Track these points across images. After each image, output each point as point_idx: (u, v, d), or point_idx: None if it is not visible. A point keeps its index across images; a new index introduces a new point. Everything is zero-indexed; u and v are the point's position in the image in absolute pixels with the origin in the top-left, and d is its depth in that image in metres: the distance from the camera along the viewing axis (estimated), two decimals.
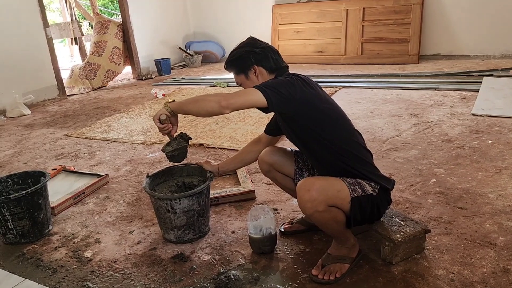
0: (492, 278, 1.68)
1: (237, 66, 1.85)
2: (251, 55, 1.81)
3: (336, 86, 5.07)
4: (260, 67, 1.82)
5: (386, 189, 1.78)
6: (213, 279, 1.80)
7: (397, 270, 1.77)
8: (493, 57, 5.93)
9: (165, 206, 2.01)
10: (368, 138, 3.31)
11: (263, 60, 1.82)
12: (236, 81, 1.91)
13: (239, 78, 1.87)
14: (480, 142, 3.06)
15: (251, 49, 1.82)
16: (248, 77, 1.83)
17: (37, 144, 3.97)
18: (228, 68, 1.90)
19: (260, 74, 1.82)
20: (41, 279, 1.93)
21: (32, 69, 5.57)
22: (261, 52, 1.82)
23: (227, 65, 1.90)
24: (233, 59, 1.86)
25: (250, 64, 1.81)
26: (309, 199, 1.61)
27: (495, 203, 2.22)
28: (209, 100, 1.64)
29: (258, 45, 1.85)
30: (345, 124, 1.81)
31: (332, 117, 1.77)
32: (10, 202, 2.13)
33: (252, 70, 1.82)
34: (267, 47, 1.86)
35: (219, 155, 3.24)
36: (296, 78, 1.73)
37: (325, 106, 1.75)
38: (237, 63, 1.84)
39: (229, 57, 1.88)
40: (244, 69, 1.83)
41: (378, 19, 6.31)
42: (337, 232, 1.75)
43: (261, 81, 1.77)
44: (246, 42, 1.88)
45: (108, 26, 6.72)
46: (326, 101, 1.79)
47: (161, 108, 1.81)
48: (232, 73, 1.90)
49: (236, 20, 7.74)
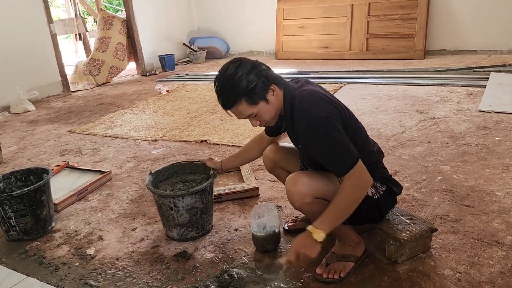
0: (500, 278, 1.65)
1: (254, 95, 1.57)
2: (265, 76, 1.59)
3: (341, 82, 5.02)
4: (275, 85, 1.63)
5: (393, 192, 1.76)
6: (216, 277, 1.79)
7: (403, 269, 1.74)
8: (501, 53, 5.86)
9: (168, 203, 1.99)
10: (373, 135, 3.27)
11: (272, 76, 1.64)
12: (247, 115, 1.62)
13: (255, 108, 1.60)
14: (487, 138, 3.01)
15: (259, 69, 1.59)
16: (268, 101, 1.61)
17: (41, 140, 3.97)
18: (239, 104, 1.58)
19: (276, 92, 1.63)
20: (43, 277, 1.93)
21: (36, 65, 5.57)
22: (268, 68, 1.64)
23: (236, 99, 1.57)
24: (248, 90, 1.55)
25: (268, 85, 1.60)
26: (295, 191, 1.62)
27: (502, 201, 2.19)
28: (353, 194, 1.53)
29: (257, 63, 1.62)
30: (362, 136, 1.73)
31: (352, 129, 1.67)
32: (12, 199, 2.12)
33: (270, 92, 1.61)
34: (263, 63, 1.66)
35: (222, 152, 3.22)
36: (329, 116, 1.56)
37: (346, 118, 1.65)
38: (254, 91, 1.56)
39: (234, 91, 1.56)
40: (263, 95, 1.59)
41: (384, 14, 6.25)
42: None
43: (279, 100, 1.64)
44: (239, 65, 1.58)
45: (112, 22, 6.71)
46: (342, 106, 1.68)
47: (308, 242, 1.55)
48: (239, 109, 1.60)
49: (241, 15, 7.70)
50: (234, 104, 1.59)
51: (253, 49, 7.85)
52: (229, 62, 1.64)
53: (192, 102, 4.83)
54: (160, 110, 4.62)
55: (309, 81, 1.76)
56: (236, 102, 1.58)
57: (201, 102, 4.79)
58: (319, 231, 1.53)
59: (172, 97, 5.18)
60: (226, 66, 1.62)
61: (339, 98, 1.77)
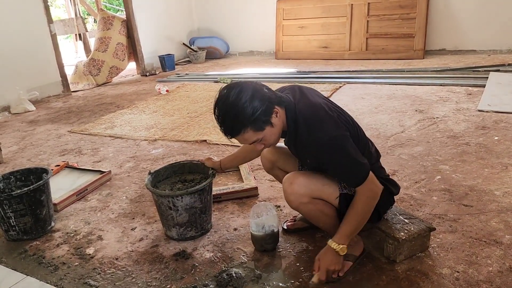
0: (498, 277, 1.65)
1: (260, 122, 1.52)
2: (268, 100, 1.53)
3: (340, 82, 5.03)
4: (277, 106, 1.58)
5: (391, 192, 1.76)
6: (215, 277, 1.79)
7: (401, 269, 1.74)
8: (500, 52, 5.87)
9: (167, 203, 1.99)
10: (372, 134, 3.28)
11: (274, 97, 1.57)
12: (252, 142, 1.59)
13: (261, 134, 1.56)
14: (486, 138, 3.02)
15: (262, 93, 1.53)
16: (273, 125, 1.57)
17: (41, 140, 3.97)
18: (245, 132, 1.53)
19: (279, 114, 1.59)
20: (43, 276, 1.93)
21: (36, 66, 5.58)
22: (269, 90, 1.58)
23: (241, 128, 1.51)
24: (255, 117, 1.49)
25: (272, 108, 1.55)
26: (291, 192, 1.63)
27: (501, 201, 2.19)
28: (366, 206, 1.58)
29: (258, 87, 1.55)
30: (359, 134, 1.72)
31: (352, 135, 1.65)
32: (12, 199, 2.12)
33: (274, 115, 1.56)
34: (262, 84, 1.61)
35: (222, 152, 3.23)
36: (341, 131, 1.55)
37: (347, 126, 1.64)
38: (260, 118, 1.50)
39: (239, 120, 1.49)
40: (268, 120, 1.54)
41: (383, 14, 6.26)
42: (331, 226, 1.73)
43: (282, 120, 1.60)
44: (241, 91, 1.50)
45: (112, 22, 6.71)
46: (342, 112, 1.67)
47: (336, 259, 1.62)
48: (244, 136, 1.56)
49: (240, 15, 7.71)
50: (239, 133, 1.54)
51: (253, 49, 7.86)
52: (227, 87, 1.56)
53: (192, 102, 4.84)
54: (160, 110, 4.63)
55: (302, 88, 1.74)
56: (241, 130, 1.53)
57: (200, 102, 4.79)
58: (342, 246, 1.61)
59: (172, 97, 5.18)
60: (226, 92, 1.53)
61: (338, 97, 1.78)
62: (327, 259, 1.64)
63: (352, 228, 1.62)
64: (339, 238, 1.61)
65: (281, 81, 5.32)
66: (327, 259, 1.63)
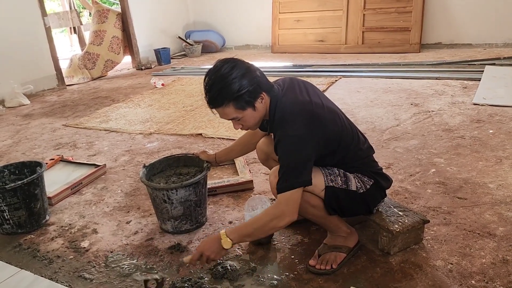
0: (491, 269, 1.66)
1: (242, 101, 1.55)
2: (257, 83, 1.56)
3: (336, 75, 5.01)
4: (265, 92, 1.61)
5: (381, 186, 1.76)
6: (210, 270, 1.79)
7: (395, 261, 1.75)
8: (496, 46, 5.87)
9: (162, 196, 1.99)
10: (367, 128, 3.28)
11: (264, 83, 1.61)
12: (231, 118, 1.62)
13: (242, 113, 1.59)
14: (481, 131, 3.03)
15: (253, 75, 1.56)
16: (256, 108, 1.60)
17: (35, 134, 3.95)
18: (226, 106, 1.56)
19: (264, 100, 1.61)
20: (37, 270, 1.93)
21: (30, 59, 5.53)
22: (262, 75, 1.60)
23: (224, 101, 1.55)
24: (238, 95, 1.52)
25: (259, 92, 1.58)
26: (276, 184, 1.61)
27: (495, 193, 2.20)
28: (268, 222, 1.54)
29: (252, 68, 1.59)
30: (352, 135, 1.72)
31: (344, 140, 1.66)
32: (6, 193, 2.11)
33: (259, 100, 1.59)
34: (258, 68, 1.63)
35: (217, 145, 3.22)
36: (305, 118, 1.54)
37: (336, 129, 1.63)
38: (244, 97, 1.54)
39: (224, 92, 1.53)
40: (252, 102, 1.57)
41: (380, 8, 6.24)
42: (321, 218, 1.73)
43: (265, 107, 1.63)
44: (234, 66, 1.55)
45: (107, 15, 6.66)
46: (333, 117, 1.65)
47: (216, 247, 1.58)
48: (225, 110, 1.58)
49: (236, 9, 7.66)
50: (221, 105, 1.57)
51: (249, 43, 7.83)
52: (224, 59, 1.60)
53: (188, 96, 4.82)
54: (155, 104, 4.61)
55: (293, 80, 1.73)
56: (223, 103, 1.56)
57: (196, 96, 4.78)
58: (229, 240, 1.56)
59: (168, 91, 5.16)
60: (221, 64, 1.58)
61: (334, 91, 1.78)
62: (206, 244, 1.61)
63: (246, 232, 1.59)
64: (231, 232, 1.58)
65: (277, 74, 5.29)
66: (207, 244, 1.61)
